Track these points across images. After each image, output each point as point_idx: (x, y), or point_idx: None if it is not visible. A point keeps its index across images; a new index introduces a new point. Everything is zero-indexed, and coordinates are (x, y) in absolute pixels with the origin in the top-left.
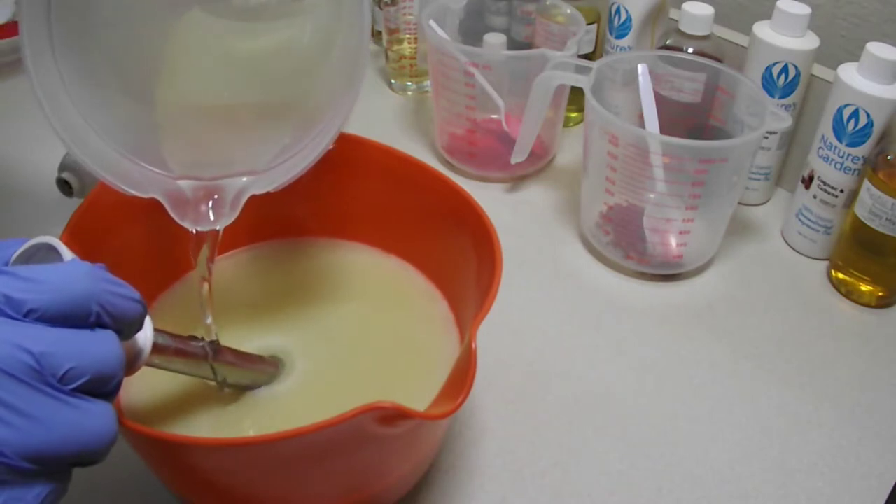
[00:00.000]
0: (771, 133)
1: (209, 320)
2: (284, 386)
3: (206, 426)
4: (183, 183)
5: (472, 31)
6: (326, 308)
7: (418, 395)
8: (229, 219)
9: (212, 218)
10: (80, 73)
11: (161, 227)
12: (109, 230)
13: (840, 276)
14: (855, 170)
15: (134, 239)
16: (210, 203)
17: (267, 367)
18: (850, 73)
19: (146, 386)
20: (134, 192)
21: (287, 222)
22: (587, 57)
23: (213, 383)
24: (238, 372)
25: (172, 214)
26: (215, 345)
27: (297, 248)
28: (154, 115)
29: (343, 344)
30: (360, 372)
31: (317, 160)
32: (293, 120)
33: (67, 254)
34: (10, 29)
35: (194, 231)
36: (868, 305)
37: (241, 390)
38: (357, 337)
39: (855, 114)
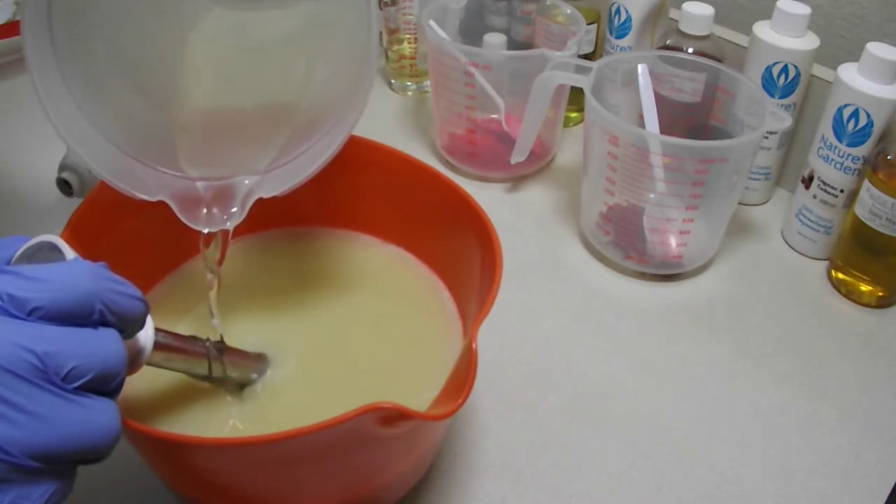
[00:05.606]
0: (771, 133)
1: (215, 321)
2: (284, 381)
3: (203, 424)
4: (193, 183)
5: (472, 31)
6: (329, 299)
7: (419, 392)
8: (238, 219)
9: (223, 219)
10: (83, 72)
11: (160, 218)
12: (110, 228)
13: (840, 276)
14: (855, 170)
15: (133, 234)
16: (222, 204)
17: (261, 365)
18: (850, 73)
19: (142, 383)
20: (143, 196)
21: (287, 213)
22: (587, 57)
23: (211, 382)
24: (238, 370)
25: (182, 217)
26: (217, 344)
27: (297, 237)
28: (161, 113)
29: (345, 337)
30: (361, 366)
31: (326, 164)
32: (301, 119)
33: (69, 252)
34: (10, 29)
35: (205, 232)
36: (868, 305)
37: (238, 388)
38: (360, 330)
39: (855, 114)
